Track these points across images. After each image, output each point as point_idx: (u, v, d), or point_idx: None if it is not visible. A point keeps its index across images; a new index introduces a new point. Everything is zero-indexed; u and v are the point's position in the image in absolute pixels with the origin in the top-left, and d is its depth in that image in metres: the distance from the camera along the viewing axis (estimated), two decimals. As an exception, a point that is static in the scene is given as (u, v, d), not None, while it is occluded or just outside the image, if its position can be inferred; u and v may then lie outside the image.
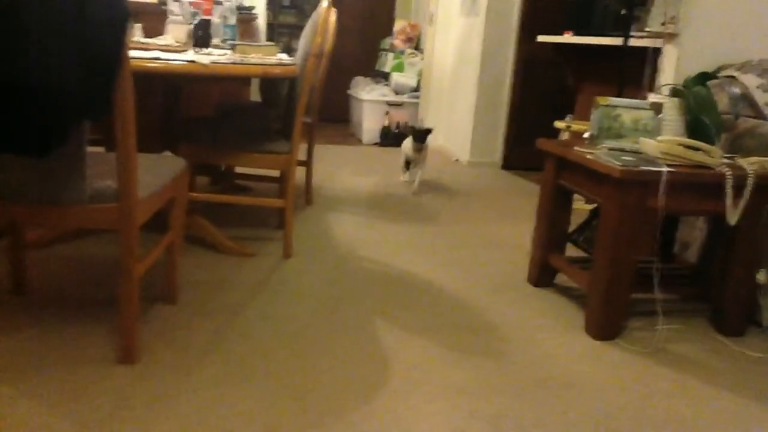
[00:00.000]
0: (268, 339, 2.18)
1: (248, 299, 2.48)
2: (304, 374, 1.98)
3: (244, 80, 4.29)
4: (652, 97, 2.67)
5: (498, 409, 1.88)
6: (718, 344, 2.44)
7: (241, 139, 2.93)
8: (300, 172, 4.27)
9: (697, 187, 2.33)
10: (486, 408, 1.88)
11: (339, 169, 5.16)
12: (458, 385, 2.00)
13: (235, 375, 1.94)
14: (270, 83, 3.98)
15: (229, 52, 3.00)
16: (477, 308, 2.59)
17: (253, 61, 2.71)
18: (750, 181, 2.31)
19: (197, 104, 4.31)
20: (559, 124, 4.22)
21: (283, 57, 3.11)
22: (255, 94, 5.22)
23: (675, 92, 2.59)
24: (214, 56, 2.67)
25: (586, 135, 2.67)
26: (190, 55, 2.66)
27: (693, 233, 2.96)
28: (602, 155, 2.39)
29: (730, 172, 2.30)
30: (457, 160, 5.96)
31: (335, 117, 7.72)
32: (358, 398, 1.87)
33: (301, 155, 3.40)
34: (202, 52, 2.83)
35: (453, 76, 6.22)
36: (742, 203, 2.32)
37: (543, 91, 5.58)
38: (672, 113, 2.56)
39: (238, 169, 4.18)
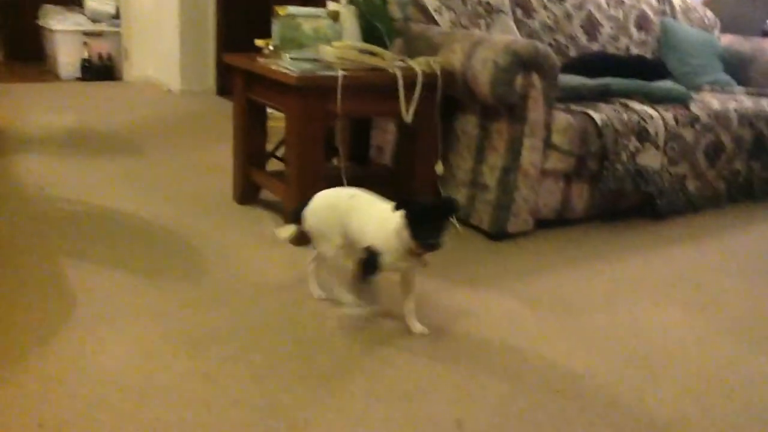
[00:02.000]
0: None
1: None
2: (-30, 327, 1.77)
3: None
4: (330, 6, 2.72)
5: (192, 326, 1.85)
6: (408, 235, 2.64)
7: None
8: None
9: (373, 89, 2.44)
10: (179, 326, 1.84)
11: (31, 109, 4.63)
12: (152, 309, 1.93)
13: None
14: None
15: None
16: (178, 233, 2.51)
17: None
18: (418, 81, 2.47)
19: None
20: (259, 42, 4.16)
21: None
22: None
23: (350, 0, 2.67)
24: None
25: (270, 46, 2.66)
26: None
27: (386, 137, 3.13)
28: (283, 65, 2.39)
29: (401, 73, 2.44)
30: (169, 90, 5.67)
31: (30, 54, 6.84)
32: (39, 339, 1.72)
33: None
34: None
35: (154, 0, 5.83)
36: (414, 101, 2.49)
37: (249, 10, 5.45)
38: (348, 20, 2.64)
39: None
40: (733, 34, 4.17)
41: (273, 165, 2.92)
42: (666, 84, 3.14)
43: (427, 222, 1.74)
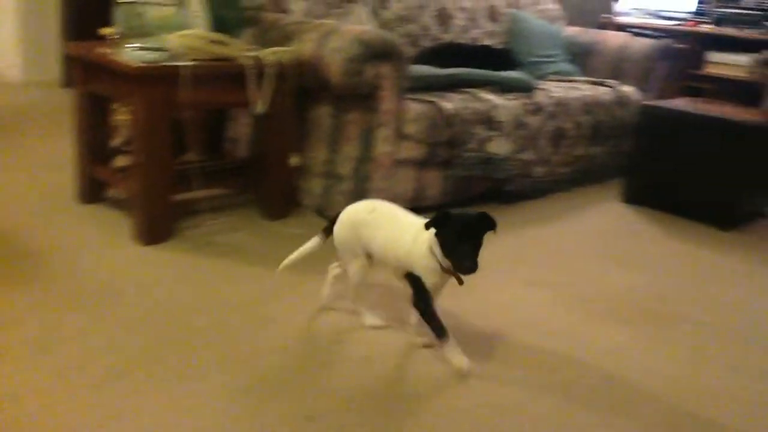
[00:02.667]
0: None
1: None
2: None
3: None
4: (176, -7, 2.62)
5: (43, 330, 1.74)
6: (264, 229, 2.61)
7: None
8: None
9: (222, 79, 2.38)
10: (22, 333, 1.72)
11: None
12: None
13: None
14: None
15: None
16: (17, 236, 2.34)
17: None
18: (269, 71, 2.43)
19: None
20: (104, 30, 3.94)
21: None
22: None
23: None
24: None
25: (113, 35, 2.52)
26: None
27: (241, 129, 3.07)
28: (126, 54, 2.28)
29: (251, 63, 2.39)
30: (8, 81, 5.26)
31: None
32: None
33: None
34: None
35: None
36: (265, 92, 2.45)
37: (95, -3, 5.16)
38: (196, 9, 2.55)
39: None
40: (576, 26, 4.42)
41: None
42: (513, 74, 3.28)
43: (460, 241, 1.61)
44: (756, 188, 3.22)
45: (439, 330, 1.74)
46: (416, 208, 2.84)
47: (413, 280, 1.74)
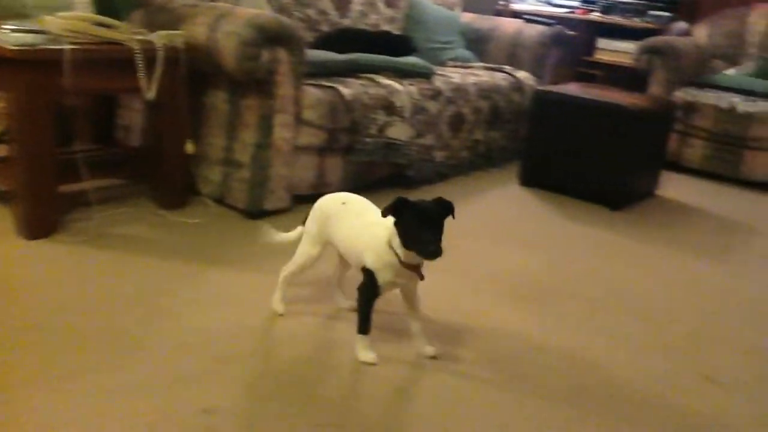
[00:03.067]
0: None
1: None
2: None
3: None
4: (55, -28, 2.47)
5: None
6: (161, 219, 2.51)
7: None
8: None
9: (108, 64, 2.26)
10: None
11: None
12: None
13: None
14: None
15: None
16: None
17: None
18: (159, 55, 2.34)
19: None
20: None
21: None
22: None
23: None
24: None
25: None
26: None
27: (133, 116, 2.94)
28: (1, 37, 2.13)
29: (138, 47, 2.29)
30: None
31: None
32: None
33: None
34: None
35: None
36: (156, 78, 2.35)
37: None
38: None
39: None
40: (472, 12, 4.49)
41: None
42: (411, 59, 3.30)
43: (421, 227, 1.56)
44: (643, 170, 3.38)
45: (365, 324, 1.74)
46: (318, 195, 2.83)
47: (367, 273, 1.70)
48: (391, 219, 1.63)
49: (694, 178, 3.93)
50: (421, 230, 1.56)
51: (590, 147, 3.20)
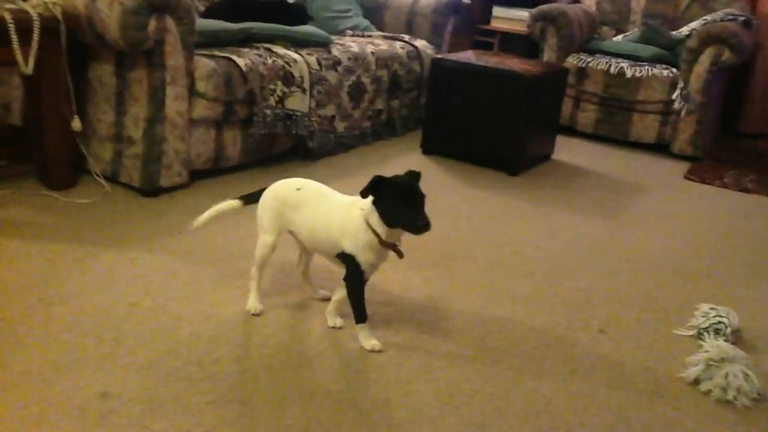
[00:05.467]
0: None
1: None
2: None
3: None
4: None
5: None
6: (48, 200, 2.38)
7: None
8: None
9: (-22, 36, 2.11)
10: None
11: None
12: None
13: None
14: None
15: None
16: None
17: None
18: (36, 25, 2.19)
19: None
20: None
21: None
22: None
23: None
24: None
25: None
26: None
27: (12, 92, 2.76)
28: None
29: (10, 17, 2.13)
30: None
31: None
32: None
33: None
34: None
35: None
36: (33, 50, 2.21)
37: None
38: (-61, -46, 2.22)
39: None
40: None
41: None
42: (308, 28, 3.24)
43: (405, 203, 1.54)
44: (539, 135, 3.48)
45: (360, 313, 1.71)
46: (217, 170, 2.76)
47: (347, 259, 1.66)
48: (361, 198, 1.62)
49: (587, 141, 4.08)
50: (405, 206, 1.57)
51: (487, 114, 3.26)
